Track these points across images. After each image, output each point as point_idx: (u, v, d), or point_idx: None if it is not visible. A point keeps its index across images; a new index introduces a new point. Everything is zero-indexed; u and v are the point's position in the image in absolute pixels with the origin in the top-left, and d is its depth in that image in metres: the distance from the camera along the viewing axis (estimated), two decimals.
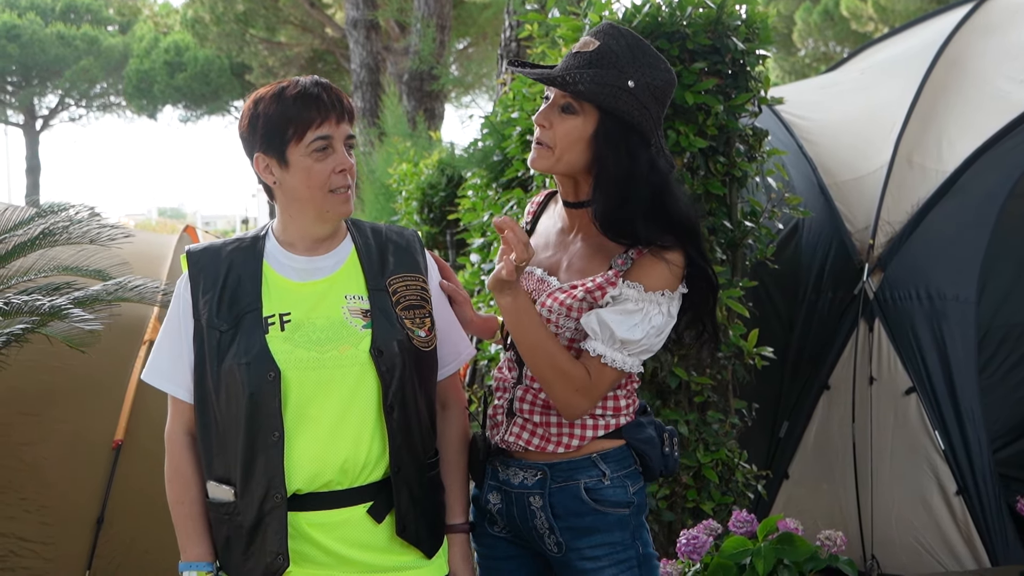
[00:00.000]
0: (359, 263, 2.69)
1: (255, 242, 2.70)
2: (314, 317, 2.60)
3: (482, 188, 6.17)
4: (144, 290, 3.93)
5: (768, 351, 4.63)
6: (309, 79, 2.61)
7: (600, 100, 2.56)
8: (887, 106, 5.96)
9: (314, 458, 2.55)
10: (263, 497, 2.53)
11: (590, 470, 2.68)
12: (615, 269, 2.60)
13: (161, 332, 2.70)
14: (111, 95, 42.91)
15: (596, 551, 2.68)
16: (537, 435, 2.68)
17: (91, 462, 4.75)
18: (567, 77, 2.58)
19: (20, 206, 4.16)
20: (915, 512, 5.22)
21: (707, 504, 4.37)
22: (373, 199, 12.00)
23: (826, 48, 27.23)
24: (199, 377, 2.60)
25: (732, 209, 4.51)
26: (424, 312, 2.69)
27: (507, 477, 2.75)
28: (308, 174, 2.56)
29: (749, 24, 4.38)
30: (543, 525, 2.70)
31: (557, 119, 2.62)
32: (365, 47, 17.39)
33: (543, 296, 2.65)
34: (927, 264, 5.30)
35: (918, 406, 5.18)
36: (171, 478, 2.67)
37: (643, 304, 2.56)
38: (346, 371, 2.57)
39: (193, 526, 2.64)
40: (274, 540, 2.54)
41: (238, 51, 26.92)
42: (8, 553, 4.54)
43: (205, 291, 2.62)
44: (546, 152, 2.64)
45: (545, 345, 2.58)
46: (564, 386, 2.58)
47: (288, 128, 2.55)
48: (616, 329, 2.54)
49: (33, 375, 4.65)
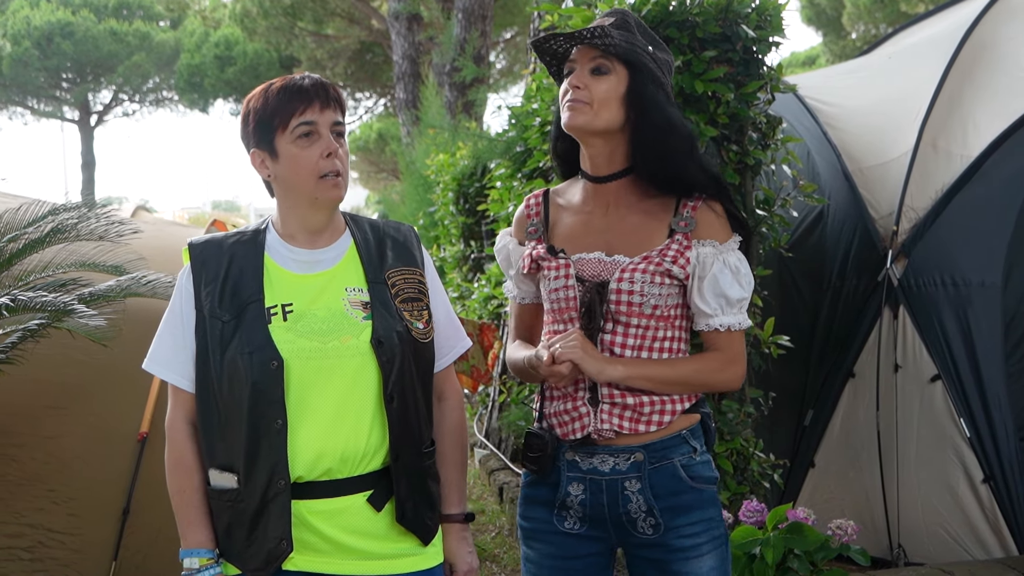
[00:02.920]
0: (358, 257, 2.75)
1: (256, 235, 2.75)
2: (315, 308, 2.66)
3: (507, 179, 6.19)
4: (157, 285, 3.98)
5: (784, 339, 4.61)
6: (296, 76, 2.67)
7: (631, 56, 2.67)
8: (912, 91, 5.90)
9: (316, 445, 2.59)
10: (267, 483, 2.57)
11: (681, 447, 2.71)
12: (680, 232, 2.68)
13: (163, 322, 2.74)
14: (163, 90, 43.28)
15: (695, 527, 2.70)
16: (627, 418, 2.69)
17: (117, 454, 4.82)
18: (597, 32, 2.67)
19: (37, 201, 4.22)
20: (941, 500, 5.18)
21: (722, 494, 4.36)
22: (412, 190, 12.05)
23: (876, 31, 26.90)
24: (201, 366, 2.64)
25: (746, 197, 4.49)
26: (422, 304, 2.76)
27: (594, 466, 2.75)
28: (295, 161, 2.62)
29: (760, 12, 4.35)
30: (638, 508, 2.71)
31: (590, 80, 2.70)
32: (407, 38, 17.48)
33: (618, 272, 2.69)
34: (952, 250, 5.24)
35: (944, 393, 5.14)
36: (172, 467, 2.71)
37: (724, 255, 2.67)
38: (347, 361, 2.62)
39: (194, 514, 2.68)
40: (277, 525, 2.59)
41: (286, 44, 27.08)
42: (37, 544, 4.62)
43: (207, 282, 2.67)
44: (584, 108, 2.70)
45: (669, 376, 2.69)
46: (713, 378, 2.73)
47: (274, 119, 2.61)
48: (729, 293, 2.66)
49: (59, 368, 4.73)
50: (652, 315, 2.69)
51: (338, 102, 2.68)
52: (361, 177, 37.49)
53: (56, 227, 3.91)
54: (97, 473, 4.78)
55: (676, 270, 2.66)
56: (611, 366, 2.66)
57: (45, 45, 38.76)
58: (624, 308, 2.68)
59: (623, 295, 2.68)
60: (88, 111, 44.08)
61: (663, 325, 2.71)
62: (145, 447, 4.84)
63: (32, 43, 38.53)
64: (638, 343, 2.71)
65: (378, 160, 34.08)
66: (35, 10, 39.37)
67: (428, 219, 11.34)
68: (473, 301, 8.03)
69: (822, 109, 6.16)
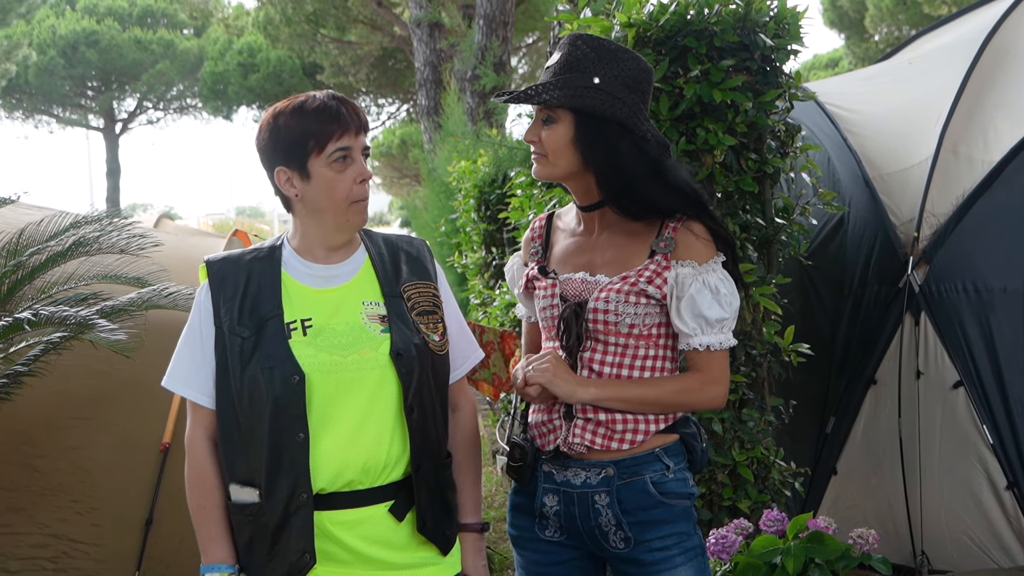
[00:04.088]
0: (374, 271, 2.79)
1: (272, 252, 2.78)
2: (334, 323, 2.69)
3: (527, 186, 6.20)
4: (178, 297, 4.02)
5: (805, 347, 4.60)
6: (325, 93, 2.70)
7: (567, 102, 2.71)
8: (933, 96, 5.88)
9: (338, 458, 2.62)
10: (288, 497, 2.60)
11: (654, 464, 2.75)
12: (661, 253, 2.73)
13: (181, 340, 2.76)
14: (187, 97, 43.57)
15: (665, 541, 2.74)
16: (600, 434, 2.74)
17: (140, 464, 4.86)
18: (532, 91, 2.73)
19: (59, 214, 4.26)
20: (965, 507, 5.16)
21: (743, 502, 4.36)
22: (434, 197, 12.06)
23: (899, 33, 26.84)
24: (222, 382, 2.66)
25: (765, 206, 4.49)
26: (437, 317, 2.80)
27: (567, 478, 2.81)
28: (330, 185, 2.65)
29: (778, 20, 4.34)
30: (609, 522, 2.75)
31: (542, 131, 2.77)
32: (428, 45, 17.51)
33: (596, 292, 2.75)
34: (973, 256, 5.21)
35: (966, 400, 5.11)
36: (193, 483, 2.72)
37: (703, 275, 2.70)
38: (367, 374, 2.65)
39: (215, 529, 2.69)
40: (300, 539, 2.61)
41: (309, 51, 27.19)
42: (60, 554, 4.66)
43: (226, 299, 2.70)
44: (543, 160, 2.80)
45: (646, 395, 2.73)
46: (691, 399, 2.76)
47: (309, 141, 2.63)
48: (708, 314, 2.69)
49: (82, 379, 4.77)
50: (630, 334, 2.74)
51: (367, 127, 2.74)
52: (384, 183, 37.58)
53: (78, 240, 3.95)
54: (120, 483, 4.82)
55: (652, 290, 2.71)
56: (583, 388, 2.71)
57: (70, 54, 39.10)
58: (601, 327, 2.74)
59: (599, 314, 2.74)
60: (113, 119, 44.39)
61: (643, 344, 2.76)
62: (167, 457, 4.88)
63: (58, 52, 38.88)
64: (617, 360, 2.76)
65: (401, 166, 34.16)
66: (60, 19, 39.74)
67: (450, 226, 11.35)
68: (495, 308, 8.03)
69: (842, 115, 6.14)
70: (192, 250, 5.54)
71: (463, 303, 10.45)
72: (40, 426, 4.73)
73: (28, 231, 4.08)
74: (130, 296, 4.14)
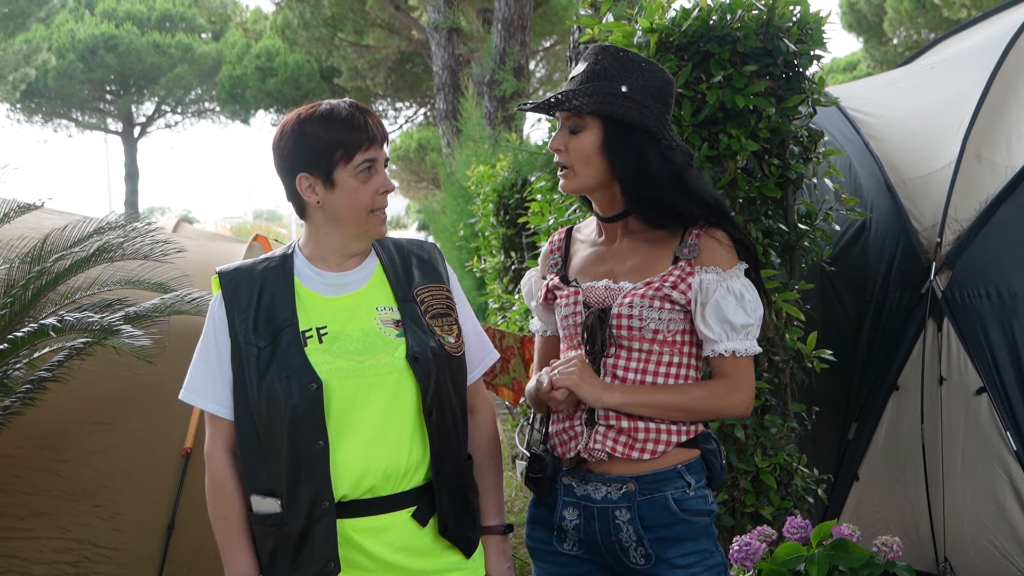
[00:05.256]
0: (385, 276, 2.81)
1: (284, 260, 2.80)
2: (349, 329, 2.70)
3: (547, 191, 6.21)
4: (201, 303, 4.03)
5: (827, 354, 4.58)
6: (346, 102, 2.71)
7: (597, 108, 2.72)
8: (956, 101, 5.85)
9: (359, 464, 2.63)
10: (311, 505, 2.60)
11: (676, 481, 2.75)
12: (685, 259, 2.75)
13: (197, 352, 2.77)
14: (205, 101, 43.73)
15: (688, 559, 2.74)
16: (621, 442, 2.74)
17: (161, 469, 4.87)
18: (561, 99, 2.75)
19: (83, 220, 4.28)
20: (988, 514, 5.12)
21: (766, 509, 4.35)
22: (452, 201, 12.08)
23: (918, 36, 26.75)
24: (239, 393, 2.67)
25: (788, 211, 4.48)
26: (451, 319, 2.82)
27: (587, 492, 2.80)
28: (354, 195, 2.67)
29: (801, 25, 4.33)
30: (629, 538, 2.75)
31: (569, 141, 2.78)
32: (446, 49, 17.53)
33: (619, 298, 2.76)
34: (996, 262, 5.18)
35: (989, 406, 5.08)
36: (213, 494, 2.73)
37: (727, 282, 2.72)
38: (384, 378, 2.66)
39: (237, 540, 2.70)
40: (324, 547, 2.61)
41: (327, 55, 27.21)
42: (82, 559, 4.67)
43: (240, 310, 2.71)
44: (569, 174, 2.82)
45: (673, 401, 2.74)
46: (717, 405, 2.77)
47: (337, 150, 2.64)
48: (733, 319, 2.70)
49: (104, 384, 4.78)
50: (654, 339, 2.75)
51: (388, 138, 2.77)
52: (402, 186, 37.61)
53: (102, 246, 3.96)
54: (142, 488, 4.83)
55: (676, 295, 2.72)
56: (608, 393, 2.71)
57: (89, 58, 39.29)
58: (625, 332, 2.75)
59: (623, 319, 2.74)
60: (131, 123, 44.60)
61: (668, 350, 2.77)
62: (189, 462, 4.88)
63: (77, 56, 39.08)
64: (641, 367, 2.76)
65: (418, 169, 34.17)
66: (79, 23, 39.94)
67: (468, 230, 11.37)
68: (514, 313, 8.04)
69: (864, 120, 6.12)
70: (212, 255, 5.55)
71: (482, 308, 10.47)
72: (63, 431, 4.75)
73: (52, 237, 4.10)
74: (153, 302, 4.16)
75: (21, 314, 3.91)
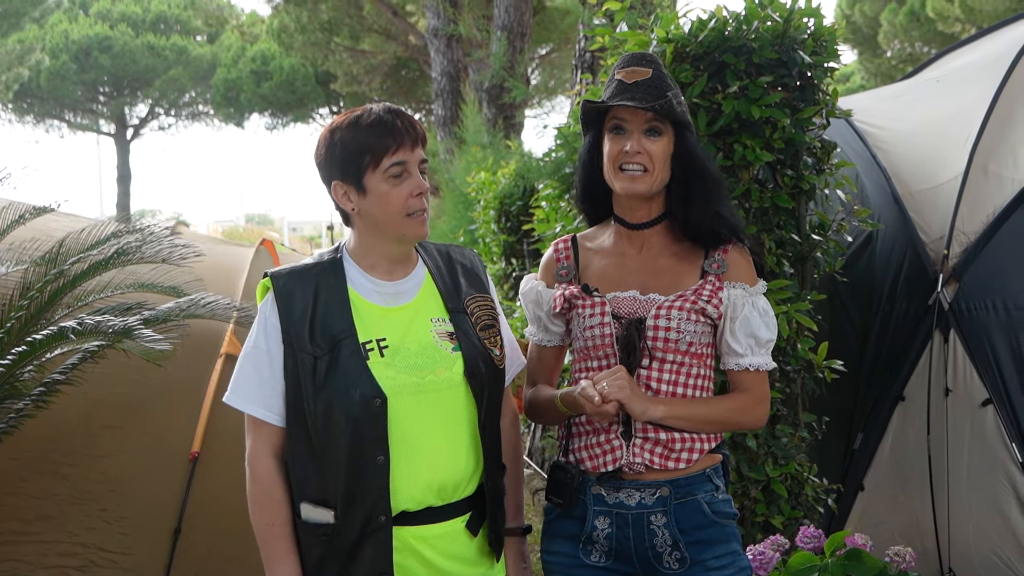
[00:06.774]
0: (435, 286, 2.80)
1: (334, 265, 2.76)
2: (408, 342, 2.69)
3: (554, 199, 6.21)
4: (216, 307, 4.03)
5: (838, 364, 4.60)
6: (382, 106, 2.69)
7: (682, 116, 2.81)
8: (963, 114, 5.87)
9: (419, 479, 2.63)
10: (366, 519, 2.59)
11: (706, 484, 2.80)
12: (713, 274, 2.80)
13: (245, 356, 2.74)
14: (199, 104, 43.68)
15: (721, 560, 2.78)
16: (657, 453, 2.76)
17: (169, 473, 4.86)
18: (659, 105, 2.76)
19: (101, 221, 4.28)
20: (993, 524, 5.14)
21: (777, 518, 4.35)
22: (452, 208, 12.08)
23: (912, 49, 26.87)
24: (294, 401, 2.64)
25: (800, 222, 4.49)
26: (496, 331, 2.83)
27: (620, 500, 2.81)
28: (386, 199, 2.65)
29: (816, 37, 4.35)
30: (664, 543, 2.77)
31: (647, 143, 2.79)
32: (446, 56, 17.52)
33: (654, 309, 2.77)
34: (1003, 274, 5.20)
35: (995, 418, 5.09)
36: (259, 501, 2.69)
37: (752, 298, 2.79)
38: (443, 394, 2.67)
39: (283, 546, 2.68)
40: (376, 560, 2.61)
41: (323, 59, 27.18)
42: (89, 563, 4.66)
43: (294, 316, 2.67)
44: (646, 176, 2.80)
45: (707, 415, 2.79)
46: (744, 418, 2.85)
47: (365, 156, 2.63)
48: (759, 334, 2.78)
49: (113, 387, 4.77)
50: (687, 352, 2.78)
51: (424, 140, 2.72)
52: None
53: (120, 249, 3.96)
54: (149, 492, 4.82)
55: (710, 309, 2.76)
56: (653, 406, 2.72)
57: (83, 59, 39.23)
58: (660, 344, 2.77)
59: (660, 331, 2.76)
60: (124, 124, 44.52)
61: (696, 363, 2.81)
62: (196, 466, 4.87)
63: (70, 57, 39.01)
64: (673, 379, 2.79)
65: None
66: (73, 24, 39.87)
67: (468, 237, 11.37)
68: (515, 320, 8.03)
69: (871, 132, 6.14)
70: (222, 259, 5.53)
71: None
72: (70, 434, 4.74)
73: (68, 241, 4.09)
74: (168, 305, 4.15)
75: (37, 316, 3.91)
